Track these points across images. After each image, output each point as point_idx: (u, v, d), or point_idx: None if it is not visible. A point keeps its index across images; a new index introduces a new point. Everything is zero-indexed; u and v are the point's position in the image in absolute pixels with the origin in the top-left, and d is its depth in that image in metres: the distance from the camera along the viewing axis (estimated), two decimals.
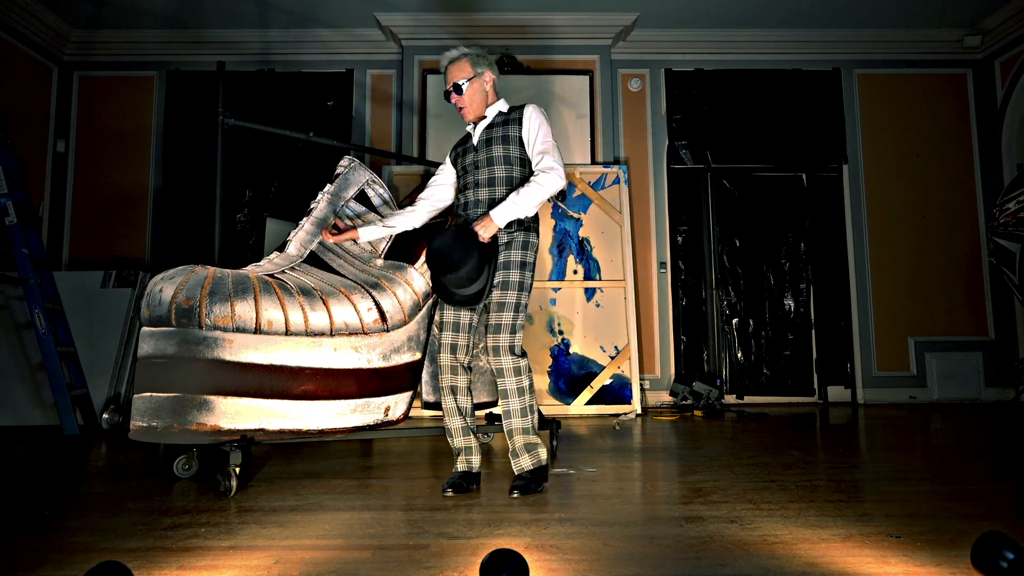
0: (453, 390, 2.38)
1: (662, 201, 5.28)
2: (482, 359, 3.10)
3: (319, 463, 2.80)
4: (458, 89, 2.39)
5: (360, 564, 1.54)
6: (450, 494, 2.21)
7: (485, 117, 2.43)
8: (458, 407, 2.38)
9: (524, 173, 2.36)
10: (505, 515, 1.96)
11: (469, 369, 2.41)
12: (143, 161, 5.26)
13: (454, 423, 2.38)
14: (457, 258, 2.17)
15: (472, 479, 2.32)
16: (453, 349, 2.36)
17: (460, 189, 2.47)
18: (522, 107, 2.42)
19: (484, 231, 2.22)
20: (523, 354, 2.31)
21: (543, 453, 2.30)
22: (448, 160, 2.59)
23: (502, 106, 2.44)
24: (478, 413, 4.12)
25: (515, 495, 2.19)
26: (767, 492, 2.20)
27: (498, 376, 2.27)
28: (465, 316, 2.37)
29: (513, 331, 2.27)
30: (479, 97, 2.41)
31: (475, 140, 2.43)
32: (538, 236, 2.41)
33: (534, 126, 2.35)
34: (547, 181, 2.26)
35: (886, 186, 5.32)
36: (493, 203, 2.31)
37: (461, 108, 2.42)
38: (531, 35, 5.18)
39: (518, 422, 2.28)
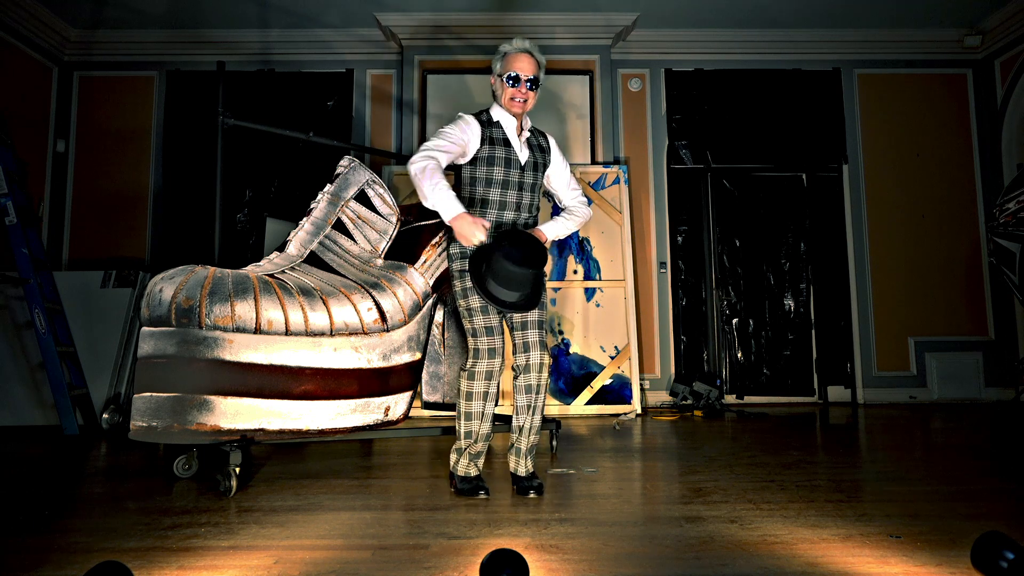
0: (495, 396, 2.34)
1: (662, 201, 5.28)
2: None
3: (319, 463, 2.80)
4: (535, 84, 2.32)
5: (360, 564, 1.54)
6: (483, 496, 2.19)
7: (524, 130, 2.40)
8: (492, 412, 2.35)
9: (540, 200, 2.50)
10: (505, 515, 1.96)
11: (526, 367, 2.36)
12: (143, 161, 5.26)
13: (485, 428, 2.31)
14: (538, 258, 2.18)
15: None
16: (500, 353, 2.31)
17: (487, 199, 2.31)
18: (544, 136, 2.49)
19: None
20: None
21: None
22: (476, 143, 2.30)
23: (527, 123, 2.43)
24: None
25: (532, 495, 2.20)
26: (767, 492, 2.20)
27: (537, 371, 2.28)
28: (498, 319, 2.30)
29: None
30: (532, 104, 2.38)
31: (521, 156, 2.36)
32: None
33: (562, 161, 2.50)
34: (586, 215, 2.50)
35: (886, 186, 5.32)
36: (525, 227, 2.38)
37: (523, 102, 2.31)
38: (531, 35, 5.17)
39: (540, 420, 2.35)
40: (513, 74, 2.29)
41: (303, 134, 3.55)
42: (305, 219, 2.77)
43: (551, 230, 2.38)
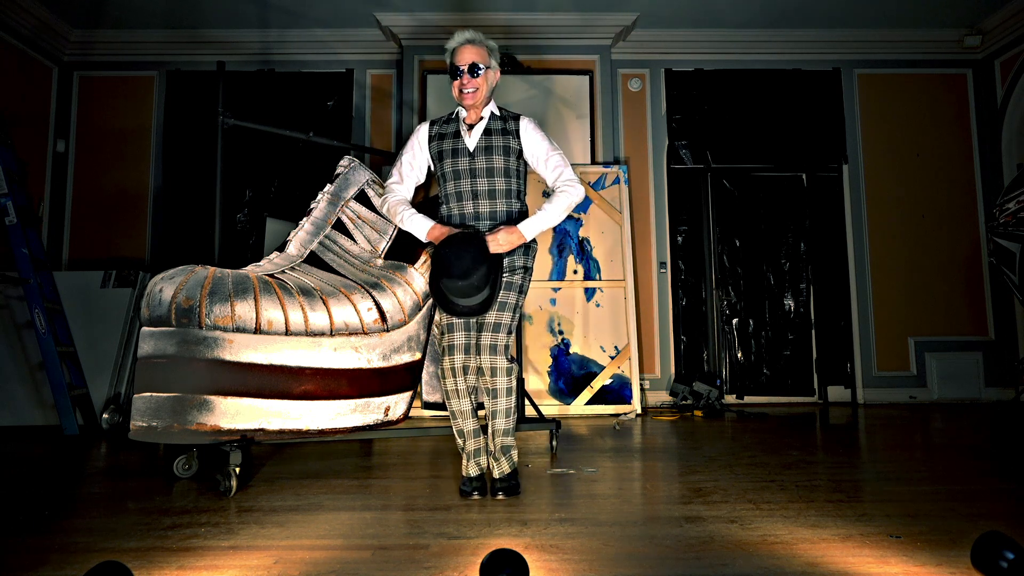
0: (468, 392, 2.32)
1: (662, 201, 5.28)
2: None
3: (319, 463, 2.80)
4: (475, 70, 2.26)
5: (360, 564, 1.54)
6: (476, 497, 2.18)
7: (482, 118, 2.34)
8: (473, 409, 2.34)
9: (520, 185, 2.38)
10: (505, 515, 1.96)
11: (479, 370, 2.34)
12: (143, 161, 5.25)
13: (468, 425, 2.32)
14: (467, 265, 2.12)
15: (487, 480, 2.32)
16: (466, 349, 2.30)
17: (446, 193, 2.35)
18: (516, 118, 2.37)
19: (505, 243, 2.21)
20: (511, 357, 2.32)
21: (516, 454, 2.34)
22: (425, 149, 2.40)
23: (494, 108, 2.37)
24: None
25: (500, 496, 2.19)
26: (767, 492, 2.20)
27: (490, 375, 2.26)
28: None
29: (509, 332, 2.29)
30: (486, 90, 2.32)
31: (470, 143, 2.32)
32: (536, 241, 2.40)
33: (536, 141, 2.34)
34: (575, 193, 2.30)
35: (886, 186, 5.32)
36: (494, 216, 2.31)
37: (471, 92, 2.27)
38: (531, 35, 5.18)
39: (502, 423, 2.29)
40: (452, 67, 2.32)
41: (303, 134, 3.55)
42: (305, 219, 2.77)
43: (528, 228, 2.24)
